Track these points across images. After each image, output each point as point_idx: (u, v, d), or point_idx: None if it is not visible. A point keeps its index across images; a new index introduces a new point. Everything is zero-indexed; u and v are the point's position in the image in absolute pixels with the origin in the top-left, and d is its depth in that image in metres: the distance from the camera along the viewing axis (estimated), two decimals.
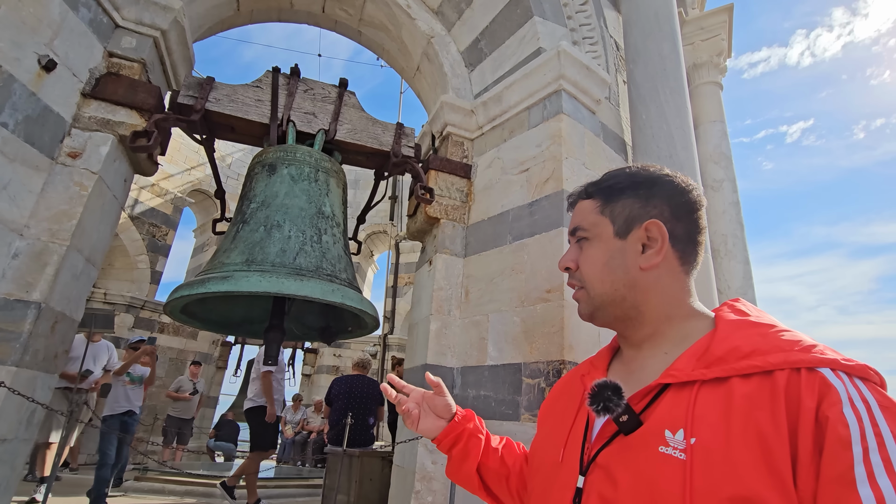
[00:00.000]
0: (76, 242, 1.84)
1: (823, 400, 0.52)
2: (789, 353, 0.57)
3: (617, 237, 0.74)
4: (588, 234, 0.77)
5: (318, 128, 2.37)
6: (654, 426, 0.61)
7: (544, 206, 2.24)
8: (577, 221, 0.80)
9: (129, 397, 4.76)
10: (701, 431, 0.56)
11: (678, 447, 0.57)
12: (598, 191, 0.79)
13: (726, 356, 0.60)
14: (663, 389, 0.63)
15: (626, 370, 0.75)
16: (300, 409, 8.86)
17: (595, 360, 0.83)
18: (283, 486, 5.49)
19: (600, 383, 0.64)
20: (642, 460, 0.59)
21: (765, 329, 0.63)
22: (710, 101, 4.79)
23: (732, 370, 0.58)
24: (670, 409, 0.61)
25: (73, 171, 1.88)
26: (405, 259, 9.70)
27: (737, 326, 0.65)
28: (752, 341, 0.60)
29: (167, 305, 1.77)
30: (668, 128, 2.52)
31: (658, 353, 0.71)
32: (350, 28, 3.34)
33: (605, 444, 0.66)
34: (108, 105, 2.02)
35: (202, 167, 9.74)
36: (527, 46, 2.67)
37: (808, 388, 0.53)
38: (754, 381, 0.57)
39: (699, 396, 0.59)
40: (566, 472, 0.69)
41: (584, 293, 0.76)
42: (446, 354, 2.34)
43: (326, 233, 2.05)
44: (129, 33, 2.16)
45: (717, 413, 0.56)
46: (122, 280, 8.59)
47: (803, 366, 0.55)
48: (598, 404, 0.63)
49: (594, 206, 0.78)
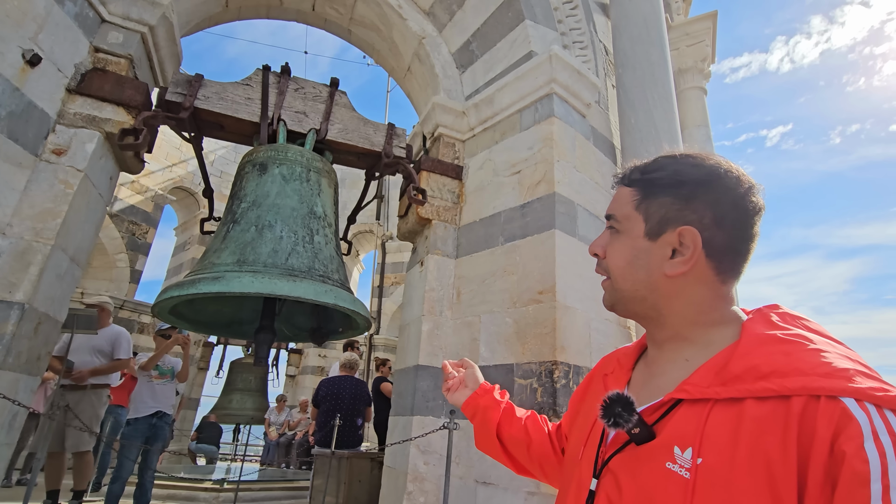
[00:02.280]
0: (61, 242, 1.80)
1: (842, 433, 0.49)
2: (810, 377, 0.53)
3: (647, 237, 0.69)
4: (619, 227, 0.73)
5: (309, 127, 2.35)
6: (665, 441, 0.60)
7: (536, 208, 2.26)
8: (612, 209, 0.76)
9: (157, 395, 4.01)
10: (708, 453, 0.54)
11: (684, 465, 0.56)
12: (639, 181, 0.73)
13: (743, 375, 0.57)
14: (676, 403, 0.62)
15: (647, 372, 0.74)
16: (284, 410, 8.77)
17: (622, 358, 0.81)
18: (268, 489, 5.42)
19: (612, 397, 0.63)
20: (648, 473, 0.59)
21: (792, 347, 0.58)
22: (695, 106, 4.88)
23: (748, 391, 0.55)
24: (682, 424, 0.59)
25: (57, 169, 1.83)
26: (391, 259, 9.67)
27: (761, 341, 0.60)
28: (773, 360, 0.57)
29: (155, 306, 1.73)
30: (657, 132, 2.56)
31: (679, 359, 0.68)
32: (340, 27, 3.32)
33: (618, 451, 0.66)
34: (95, 101, 1.97)
35: (184, 164, 9.56)
36: (518, 49, 2.69)
37: (824, 417, 0.50)
38: (769, 404, 0.54)
39: (711, 415, 0.57)
40: (582, 472, 0.70)
41: (609, 283, 0.74)
42: (438, 355, 2.34)
43: (318, 233, 2.03)
44: (115, 28, 2.11)
45: (726, 435, 0.55)
46: (100, 279, 8.39)
47: (823, 393, 0.51)
48: (608, 419, 0.63)
49: (631, 198, 0.73)
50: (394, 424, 2.48)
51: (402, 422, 2.36)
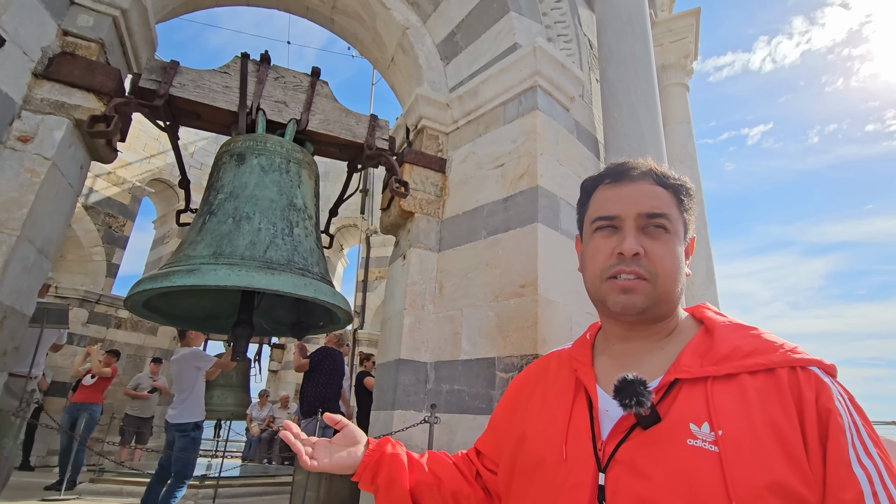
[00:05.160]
0: (28, 233, 1.73)
1: (821, 394, 0.59)
2: (784, 353, 0.64)
3: (680, 242, 0.76)
4: (670, 228, 0.74)
5: (289, 117, 2.30)
6: (676, 420, 0.62)
7: (519, 202, 2.25)
8: (659, 206, 0.74)
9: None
10: (725, 424, 0.59)
11: (707, 440, 0.59)
12: (675, 186, 0.77)
13: (731, 354, 0.65)
14: (672, 385, 0.65)
15: (618, 364, 0.74)
16: (266, 405, 8.68)
17: (577, 354, 0.81)
18: (250, 485, 5.36)
19: (628, 378, 0.63)
20: (672, 454, 0.60)
21: (751, 330, 0.69)
22: (678, 102, 4.93)
23: (741, 367, 0.63)
24: (688, 403, 0.63)
25: (23, 157, 1.76)
26: (376, 253, 9.60)
27: (730, 328, 0.70)
28: (749, 342, 0.66)
29: (128, 299, 1.68)
30: (640, 127, 2.57)
31: (655, 349, 0.73)
32: (322, 15, 3.26)
33: (623, 440, 0.65)
34: (63, 87, 1.90)
35: (163, 155, 9.33)
36: (502, 41, 2.67)
37: (806, 383, 0.60)
38: (760, 377, 0.62)
39: (714, 391, 0.62)
40: (576, 470, 0.67)
41: (647, 286, 0.70)
42: (420, 349, 2.33)
43: (298, 226, 1.99)
44: (85, 11, 2.03)
45: (735, 406, 0.60)
46: (75, 273, 8.16)
47: (798, 364, 0.62)
48: (629, 398, 0.62)
49: (673, 201, 0.76)
50: (375, 419, 2.46)
51: (383, 416, 2.34)
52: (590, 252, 0.78)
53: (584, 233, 0.82)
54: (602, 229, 0.76)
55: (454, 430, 2.11)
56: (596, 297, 0.76)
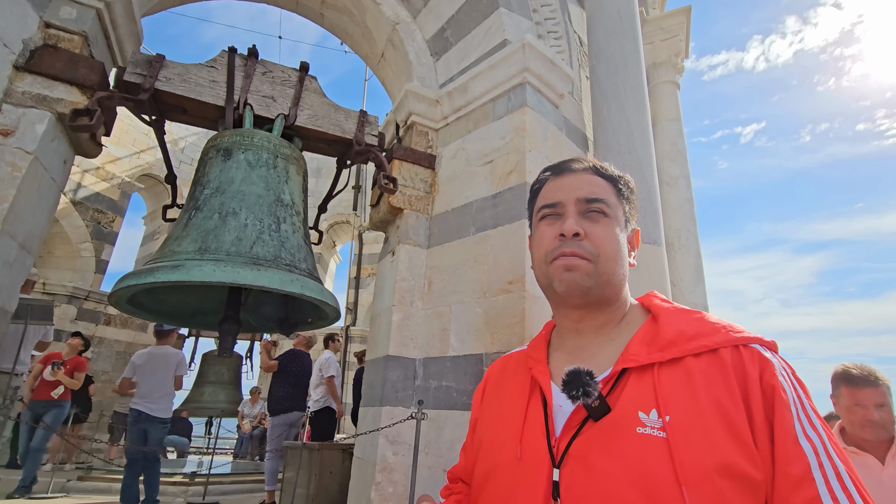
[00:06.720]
0: (9, 228, 1.71)
1: (765, 371, 0.61)
2: (726, 333, 0.65)
3: (622, 230, 0.79)
4: (609, 212, 0.78)
5: (277, 112, 2.29)
6: (625, 409, 0.62)
7: (507, 199, 2.25)
8: (597, 192, 0.79)
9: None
10: (672, 409, 0.60)
11: (655, 426, 0.59)
12: (610, 178, 0.82)
13: (676, 339, 0.66)
14: (621, 374, 0.66)
15: (572, 359, 0.74)
16: (258, 402, 8.65)
17: (533, 352, 0.82)
18: (240, 482, 5.35)
19: (574, 370, 0.65)
20: (623, 444, 0.60)
21: (695, 315, 0.71)
22: (668, 100, 4.94)
23: (685, 350, 0.64)
24: (636, 391, 0.64)
25: (4, 151, 1.73)
26: (368, 250, 9.59)
27: (674, 314, 0.72)
28: (693, 325, 0.68)
29: (112, 295, 1.67)
30: (629, 125, 2.58)
31: (606, 341, 0.74)
32: (312, 10, 3.24)
33: (576, 434, 0.65)
34: (45, 80, 1.87)
35: (152, 150, 9.24)
36: (492, 38, 2.66)
37: (749, 361, 0.62)
38: (704, 359, 0.63)
39: (660, 377, 0.63)
40: (531, 468, 0.66)
41: (589, 266, 0.74)
42: (408, 345, 2.33)
43: (285, 221, 1.98)
44: (68, 3, 2.00)
45: (681, 391, 0.61)
46: (63, 269, 8.08)
47: (740, 343, 0.64)
48: (576, 389, 0.63)
49: (612, 189, 0.81)
50: (364, 415, 2.46)
51: (371, 412, 2.34)
52: (536, 239, 0.82)
53: (533, 225, 0.87)
54: (546, 217, 0.81)
55: (442, 427, 2.12)
56: (544, 281, 0.79)
